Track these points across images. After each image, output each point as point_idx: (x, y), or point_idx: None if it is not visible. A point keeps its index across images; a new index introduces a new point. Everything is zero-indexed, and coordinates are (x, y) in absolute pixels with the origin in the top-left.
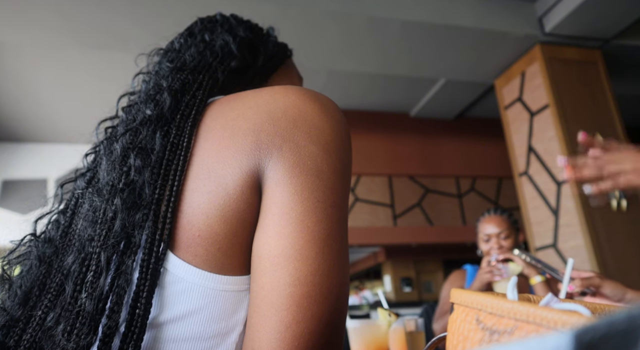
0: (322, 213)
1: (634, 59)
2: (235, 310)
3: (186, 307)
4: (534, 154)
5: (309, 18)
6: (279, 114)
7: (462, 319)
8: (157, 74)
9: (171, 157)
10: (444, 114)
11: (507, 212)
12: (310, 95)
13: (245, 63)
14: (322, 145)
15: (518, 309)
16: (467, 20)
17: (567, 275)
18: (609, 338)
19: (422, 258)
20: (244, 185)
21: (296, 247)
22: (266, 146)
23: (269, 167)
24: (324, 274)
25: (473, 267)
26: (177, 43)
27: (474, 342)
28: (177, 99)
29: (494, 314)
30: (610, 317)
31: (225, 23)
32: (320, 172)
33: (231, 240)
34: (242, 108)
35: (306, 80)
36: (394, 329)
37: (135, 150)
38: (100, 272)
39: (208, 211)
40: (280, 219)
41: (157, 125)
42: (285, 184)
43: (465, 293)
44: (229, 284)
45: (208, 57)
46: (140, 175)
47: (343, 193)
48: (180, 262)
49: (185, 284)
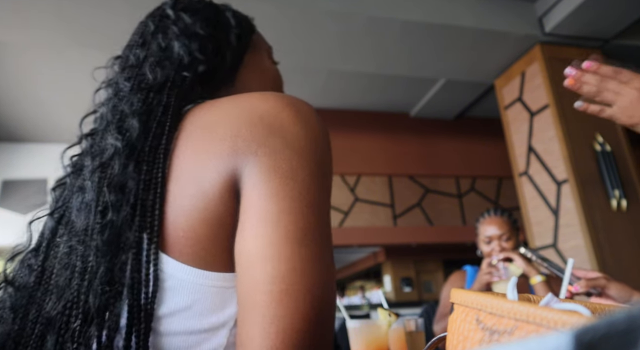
0: (297, 213)
1: (634, 58)
2: (224, 306)
3: (177, 303)
4: (534, 154)
5: (308, 18)
6: (255, 120)
7: (462, 319)
8: (117, 95)
9: (145, 195)
10: (444, 114)
11: (507, 213)
12: (287, 102)
13: (213, 63)
14: (296, 149)
15: (518, 309)
16: (467, 20)
17: (567, 276)
18: (609, 338)
19: (422, 258)
20: (222, 189)
21: (273, 246)
22: (243, 151)
23: (246, 171)
24: (302, 271)
25: (473, 267)
26: (132, 56)
27: (474, 342)
28: (145, 123)
29: (494, 314)
30: (610, 317)
31: (179, 20)
32: (295, 175)
33: (213, 240)
34: (220, 114)
35: (306, 80)
36: (394, 329)
37: (108, 187)
38: (90, 320)
39: (190, 214)
40: (257, 220)
41: (128, 158)
42: (261, 187)
43: (465, 293)
44: (216, 280)
45: (169, 69)
46: (119, 214)
47: (320, 193)
48: (169, 260)
49: (175, 281)
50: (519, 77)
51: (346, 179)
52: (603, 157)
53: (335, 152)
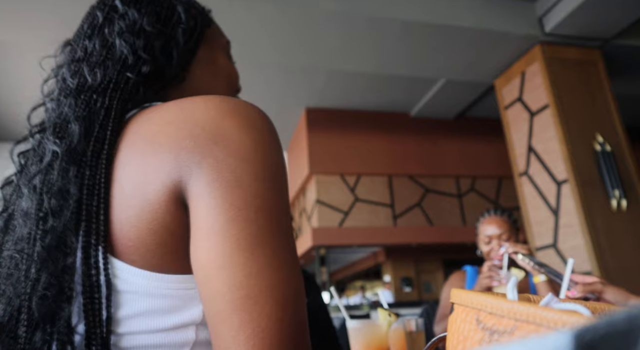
0: (245, 220)
1: (634, 59)
2: (186, 306)
3: (136, 306)
4: (533, 154)
5: (308, 18)
6: (198, 130)
7: (462, 319)
8: (62, 92)
9: (89, 200)
10: (444, 114)
11: (507, 212)
12: (230, 108)
13: (159, 63)
14: (241, 156)
15: (518, 309)
16: (467, 20)
17: (567, 275)
18: (609, 338)
19: (422, 258)
20: (167, 200)
21: (225, 256)
22: (186, 163)
23: (190, 183)
24: (259, 275)
25: (473, 268)
26: (80, 49)
27: (474, 342)
28: (87, 128)
29: (494, 314)
30: (610, 317)
31: (125, 15)
32: (239, 182)
33: (164, 249)
34: (162, 123)
35: (306, 80)
36: (394, 329)
37: (48, 193)
38: (35, 326)
39: (137, 224)
40: (205, 232)
41: (68, 163)
42: (207, 199)
43: (465, 293)
44: (174, 282)
45: (111, 70)
46: (60, 220)
47: (270, 196)
48: (122, 264)
49: (130, 285)
50: (519, 77)
51: (346, 179)
52: (603, 157)
53: (335, 152)
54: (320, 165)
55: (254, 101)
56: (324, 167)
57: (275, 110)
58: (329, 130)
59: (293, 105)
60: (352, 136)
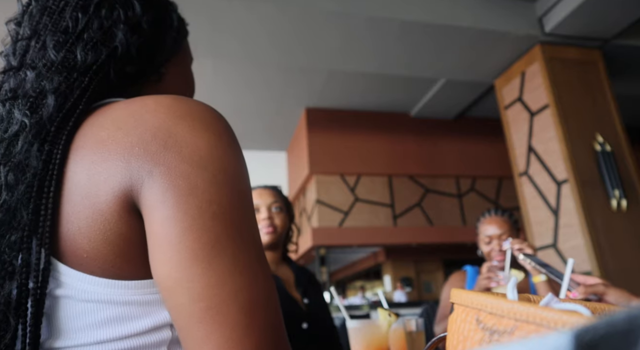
0: (200, 229)
1: (633, 59)
2: (152, 311)
3: (100, 315)
4: (533, 154)
5: (308, 18)
6: (148, 137)
7: (462, 319)
8: (44, 65)
9: (44, 173)
10: (444, 114)
11: (507, 213)
12: (182, 111)
13: (140, 67)
14: (195, 161)
15: (518, 309)
16: (467, 20)
17: (567, 275)
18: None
19: (422, 258)
20: (120, 210)
21: (182, 268)
22: (137, 172)
23: (142, 192)
24: (219, 284)
25: (473, 268)
26: (68, 20)
27: (474, 342)
28: (61, 104)
29: (494, 314)
30: (610, 317)
31: (128, 6)
32: (193, 189)
33: (121, 258)
34: (111, 128)
35: (306, 80)
36: (394, 329)
37: (7, 165)
38: None
39: (90, 235)
40: (160, 245)
41: (35, 137)
42: (159, 209)
43: (465, 293)
44: (138, 288)
45: (100, 55)
46: (14, 194)
47: (228, 201)
48: (75, 273)
49: (91, 294)
50: (519, 77)
51: (346, 179)
52: (603, 157)
53: (335, 152)
54: (320, 165)
55: (254, 101)
56: (324, 167)
57: (275, 110)
58: (329, 130)
59: (293, 105)
60: (352, 136)
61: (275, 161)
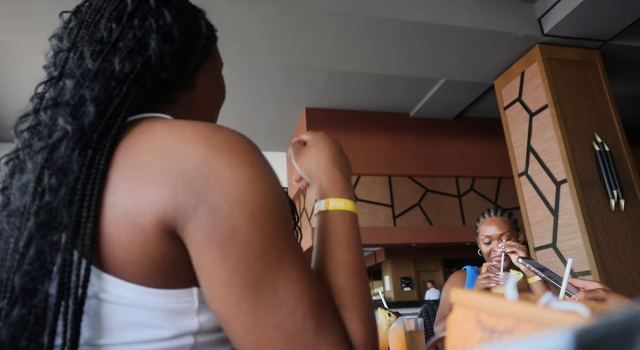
0: (244, 270)
1: (632, 59)
2: (179, 320)
3: (127, 318)
4: (533, 154)
5: (308, 18)
6: (191, 171)
7: (462, 318)
8: (81, 73)
9: (86, 178)
10: (444, 114)
11: (507, 213)
12: (220, 144)
13: (174, 74)
14: (235, 201)
15: (518, 309)
16: (466, 21)
17: (567, 275)
18: (609, 338)
19: (422, 258)
20: (162, 233)
21: (232, 305)
22: (183, 206)
23: (188, 226)
24: (262, 319)
25: (473, 268)
26: (103, 31)
27: (473, 342)
28: (101, 111)
29: (493, 314)
30: (610, 317)
31: (159, 14)
32: (236, 232)
33: (156, 270)
34: (154, 154)
35: (306, 80)
36: (394, 329)
37: (50, 169)
38: (14, 300)
39: (129, 248)
40: (211, 283)
41: (76, 143)
42: (206, 251)
43: (465, 293)
44: (167, 296)
45: (137, 64)
46: (56, 197)
47: (267, 238)
48: (108, 277)
49: (120, 298)
50: (519, 78)
51: None
52: (602, 157)
53: None
54: None
55: (254, 101)
56: None
57: (275, 110)
58: (329, 130)
59: (293, 105)
60: (351, 136)
61: (275, 161)
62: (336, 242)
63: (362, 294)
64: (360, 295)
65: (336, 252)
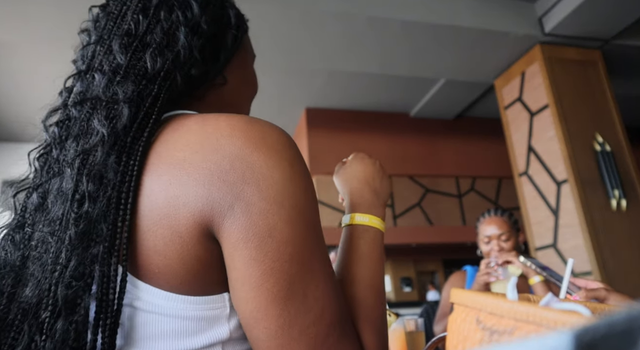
0: (278, 272)
1: (633, 59)
2: (210, 327)
3: (160, 327)
4: (533, 154)
5: (308, 18)
6: (226, 166)
7: (462, 319)
8: (112, 68)
9: (121, 186)
10: (444, 114)
11: (507, 213)
12: (257, 138)
13: (205, 68)
14: (272, 197)
15: (518, 309)
16: (467, 20)
17: (567, 275)
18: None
19: (422, 258)
20: (199, 235)
21: (261, 308)
22: (218, 203)
23: (224, 225)
24: (290, 324)
25: (473, 268)
26: (131, 22)
27: (474, 342)
28: (134, 113)
29: (494, 314)
30: (610, 317)
31: (187, 7)
32: (272, 230)
33: (192, 275)
34: (187, 150)
35: (306, 80)
36: (394, 329)
37: (88, 176)
38: (58, 313)
39: (166, 253)
40: (242, 284)
41: (111, 148)
42: (240, 249)
43: (465, 293)
44: (200, 303)
45: (167, 60)
46: (95, 206)
47: (301, 238)
48: (143, 285)
49: (155, 306)
50: (519, 77)
51: None
52: (603, 157)
53: (336, 152)
54: (320, 165)
55: (254, 101)
56: (324, 167)
57: (275, 110)
58: (329, 130)
59: (293, 105)
60: (352, 136)
61: None
62: (357, 256)
63: (378, 309)
64: (377, 309)
65: (357, 266)
